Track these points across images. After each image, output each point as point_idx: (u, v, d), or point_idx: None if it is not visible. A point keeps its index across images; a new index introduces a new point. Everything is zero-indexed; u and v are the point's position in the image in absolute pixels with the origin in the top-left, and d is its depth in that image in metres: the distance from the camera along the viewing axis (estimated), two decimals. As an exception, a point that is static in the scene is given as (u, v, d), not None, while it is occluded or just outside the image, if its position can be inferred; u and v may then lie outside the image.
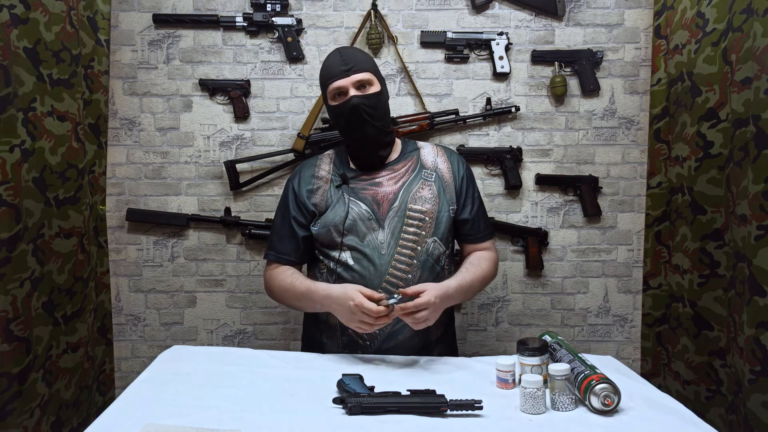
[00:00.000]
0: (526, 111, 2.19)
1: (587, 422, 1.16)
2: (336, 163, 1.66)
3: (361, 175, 1.62)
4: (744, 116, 1.61)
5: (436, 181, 1.62)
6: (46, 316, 1.70)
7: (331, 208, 1.58)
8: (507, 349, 2.21)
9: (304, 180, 1.65)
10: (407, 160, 1.65)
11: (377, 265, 1.54)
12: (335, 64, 1.57)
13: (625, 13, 2.16)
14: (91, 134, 1.98)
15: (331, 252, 1.59)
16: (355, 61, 1.57)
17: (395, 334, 1.55)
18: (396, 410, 1.18)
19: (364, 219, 1.56)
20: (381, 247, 1.55)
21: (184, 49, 2.17)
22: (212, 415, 1.18)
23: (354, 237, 1.56)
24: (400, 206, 1.57)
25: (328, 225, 1.57)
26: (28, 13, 1.60)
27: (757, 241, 1.53)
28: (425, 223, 1.57)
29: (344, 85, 1.55)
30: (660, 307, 2.09)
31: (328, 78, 1.58)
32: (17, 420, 1.57)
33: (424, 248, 1.56)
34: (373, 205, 1.58)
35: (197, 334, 2.24)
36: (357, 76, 1.55)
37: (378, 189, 1.60)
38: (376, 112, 1.57)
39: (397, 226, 1.56)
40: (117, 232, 2.20)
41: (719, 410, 1.79)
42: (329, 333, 1.61)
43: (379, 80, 1.61)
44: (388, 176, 1.62)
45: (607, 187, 2.20)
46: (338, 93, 1.57)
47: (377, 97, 1.58)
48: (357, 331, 1.46)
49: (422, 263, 1.56)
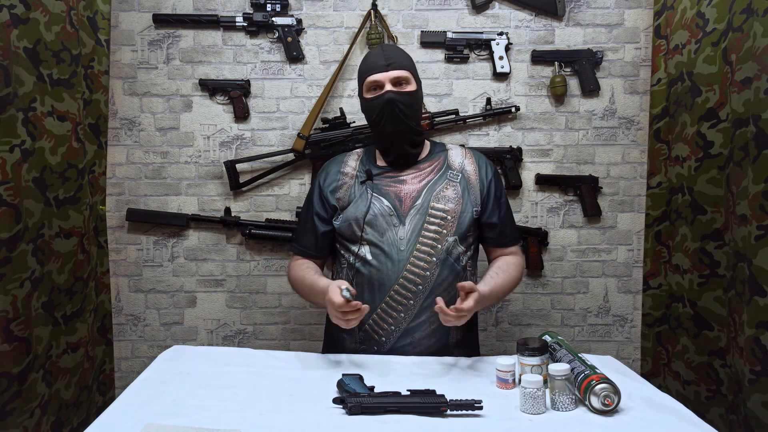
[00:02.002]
0: (526, 111, 2.19)
1: (587, 422, 1.16)
2: (363, 160, 1.69)
3: (387, 172, 1.64)
4: (744, 116, 1.61)
5: (461, 182, 1.63)
6: (46, 316, 1.70)
7: (353, 203, 1.61)
8: (507, 349, 2.21)
9: (330, 175, 1.68)
10: (434, 160, 1.67)
11: (395, 261, 1.55)
12: (376, 58, 1.60)
13: (625, 13, 2.16)
14: (91, 134, 1.98)
15: (351, 246, 1.60)
16: (395, 57, 1.60)
17: (411, 330, 1.55)
18: (396, 410, 1.18)
19: (385, 215, 1.58)
20: (400, 244, 1.56)
21: (184, 49, 2.17)
22: (212, 415, 1.17)
23: (374, 232, 1.57)
24: (422, 204, 1.58)
25: (349, 219, 1.59)
26: (28, 13, 1.60)
27: (757, 241, 1.53)
28: (447, 222, 1.57)
29: (381, 79, 1.58)
30: (660, 307, 2.09)
31: (367, 71, 1.61)
32: (17, 420, 1.57)
33: (444, 246, 1.56)
34: (395, 202, 1.59)
35: (197, 334, 2.24)
36: (395, 73, 1.58)
37: (402, 186, 1.61)
38: (409, 109, 1.58)
39: (419, 224, 1.57)
40: (117, 232, 2.20)
41: (719, 410, 1.79)
42: (348, 329, 1.61)
43: (416, 80, 1.63)
44: (413, 174, 1.63)
45: (607, 187, 2.20)
46: (375, 86, 1.60)
47: (412, 95, 1.60)
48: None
49: (442, 261, 1.56)
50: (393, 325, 1.55)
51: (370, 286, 1.56)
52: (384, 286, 1.54)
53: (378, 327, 1.56)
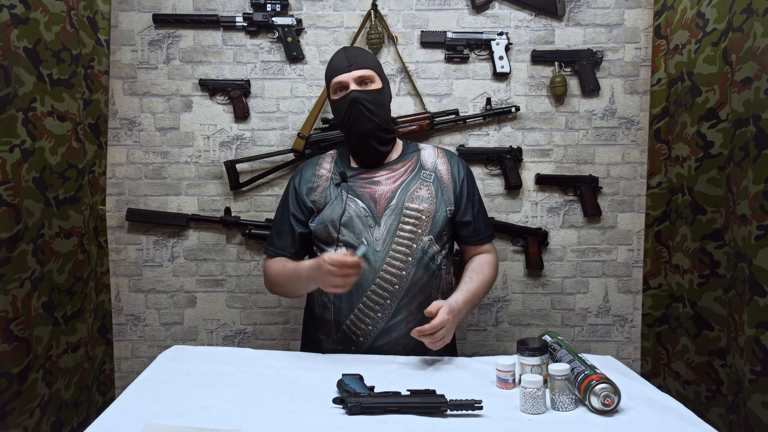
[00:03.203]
0: (526, 111, 2.19)
1: (587, 422, 1.16)
2: (337, 161, 1.70)
3: (361, 174, 1.66)
4: (744, 116, 1.61)
5: (434, 182, 1.64)
6: (46, 316, 1.70)
7: (329, 205, 1.62)
8: (507, 349, 2.21)
9: (305, 178, 1.69)
10: (407, 161, 1.68)
11: (371, 262, 1.56)
12: (339, 60, 1.64)
13: (625, 13, 2.16)
14: (91, 134, 1.98)
15: (327, 248, 1.61)
16: (357, 58, 1.63)
17: (389, 330, 1.56)
18: (396, 410, 1.18)
19: (360, 216, 1.59)
20: (376, 244, 1.57)
21: (184, 49, 2.17)
22: (212, 415, 1.18)
23: (350, 233, 1.58)
24: (397, 204, 1.60)
25: (325, 221, 1.60)
26: (28, 13, 1.60)
27: (757, 241, 1.53)
28: (421, 221, 1.59)
29: (345, 79, 1.61)
30: (660, 307, 2.09)
31: (331, 73, 1.65)
32: (17, 420, 1.57)
33: (419, 246, 1.58)
34: (371, 203, 1.60)
35: (197, 334, 2.24)
36: (358, 72, 1.61)
37: (376, 187, 1.62)
38: (375, 107, 1.61)
39: (394, 224, 1.58)
40: (117, 232, 2.20)
41: (719, 410, 1.79)
42: (325, 329, 1.63)
43: (382, 79, 1.66)
44: (386, 175, 1.65)
45: (607, 187, 2.20)
46: (340, 87, 1.63)
47: (377, 93, 1.62)
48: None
49: (417, 261, 1.57)
50: (371, 324, 1.56)
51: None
52: (361, 286, 1.55)
53: (356, 327, 1.57)
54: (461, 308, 1.52)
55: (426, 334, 1.42)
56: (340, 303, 1.58)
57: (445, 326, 1.43)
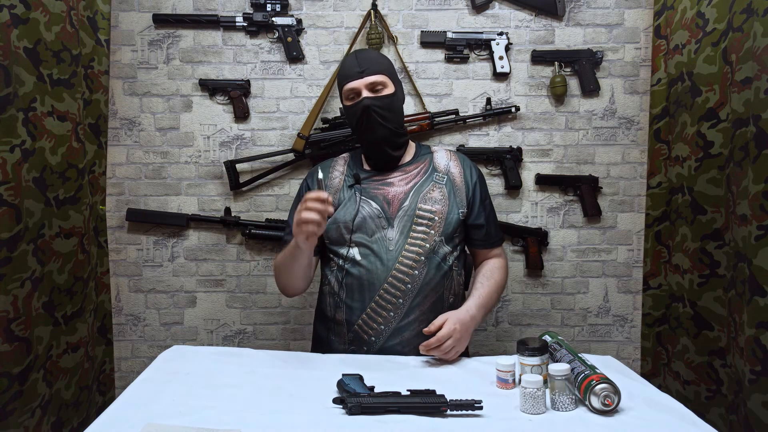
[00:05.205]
0: (526, 111, 2.19)
1: (587, 422, 1.16)
2: (350, 164, 1.71)
3: (374, 175, 1.66)
4: (744, 116, 1.61)
5: (447, 185, 1.65)
6: (46, 316, 1.70)
7: (342, 207, 1.62)
8: (507, 349, 2.21)
9: (318, 179, 1.67)
10: (420, 163, 1.68)
11: (384, 261, 1.56)
12: (351, 66, 1.62)
13: (625, 13, 2.16)
14: (91, 134, 1.98)
15: (339, 249, 1.61)
16: (369, 63, 1.61)
17: (401, 330, 1.56)
18: (396, 410, 1.18)
19: (373, 217, 1.59)
20: (389, 244, 1.58)
21: (184, 49, 2.17)
22: (212, 415, 1.17)
23: (363, 234, 1.59)
24: (410, 206, 1.60)
25: (338, 222, 1.60)
26: (28, 13, 1.60)
27: (757, 241, 1.53)
28: (434, 222, 1.59)
29: (357, 86, 1.60)
30: (660, 307, 2.09)
31: (343, 79, 1.63)
32: (18, 420, 1.57)
33: (431, 246, 1.58)
34: (384, 204, 1.61)
35: (197, 334, 2.24)
36: (370, 78, 1.59)
37: (389, 189, 1.63)
38: (388, 113, 1.60)
39: (407, 225, 1.59)
40: (117, 232, 2.20)
41: (719, 410, 1.79)
42: (336, 330, 1.62)
43: (394, 82, 1.64)
44: (399, 177, 1.65)
45: (607, 187, 2.20)
46: (352, 94, 1.62)
47: (390, 99, 1.61)
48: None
49: (429, 260, 1.58)
50: (383, 324, 1.56)
51: (359, 286, 1.57)
52: (373, 285, 1.56)
53: (368, 327, 1.57)
54: (475, 315, 1.53)
55: (433, 348, 1.44)
56: (352, 302, 1.58)
57: (452, 336, 1.45)
